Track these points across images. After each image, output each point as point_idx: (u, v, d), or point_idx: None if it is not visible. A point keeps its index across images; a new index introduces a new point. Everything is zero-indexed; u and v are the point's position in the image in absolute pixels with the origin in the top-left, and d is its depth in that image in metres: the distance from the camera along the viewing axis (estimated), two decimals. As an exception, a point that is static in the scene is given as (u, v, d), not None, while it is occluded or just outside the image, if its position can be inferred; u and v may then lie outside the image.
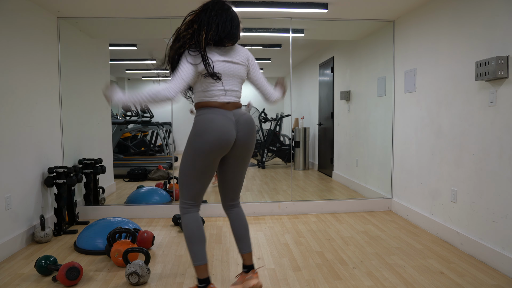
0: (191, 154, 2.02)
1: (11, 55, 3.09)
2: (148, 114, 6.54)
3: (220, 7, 2.06)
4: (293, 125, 6.42)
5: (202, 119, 2.03)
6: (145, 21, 4.11)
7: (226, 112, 2.05)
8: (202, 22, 2.02)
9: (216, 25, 2.02)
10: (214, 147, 1.99)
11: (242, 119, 2.10)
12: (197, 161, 2.01)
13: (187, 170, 2.04)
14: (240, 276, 2.28)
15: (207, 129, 1.99)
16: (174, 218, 3.74)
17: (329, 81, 5.71)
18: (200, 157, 2.00)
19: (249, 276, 2.20)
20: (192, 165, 2.02)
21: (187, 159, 2.04)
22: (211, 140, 1.98)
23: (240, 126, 2.08)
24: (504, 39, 2.58)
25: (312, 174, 6.16)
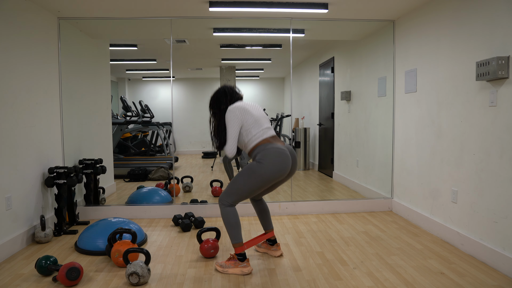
0: (260, 175, 2.53)
1: (11, 55, 3.09)
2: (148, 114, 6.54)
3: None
4: (294, 125, 6.42)
5: (273, 151, 2.56)
6: (145, 21, 4.11)
7: (284, 147, 2.62)
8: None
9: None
10: (282, 175, 2.58)
11: (291, 150, 2.69)
12: (262, 183, 2.56)
13: (249, 187, 2.57)
14: (265, 244, 3.00)
15: (281, 162, 2.55)
16: (174, 219, 3.74)
17: (330, 81, 5.71)
18: (268, 181, 2.56)
19: (274, 248, 2.96)
20: (256, 185, 2.56)
21: (254, 179, 2.54)
22: (283, 169, 2.56)
23: (291, 156, 2.67)
24: (504, 39, 2.58)
25: (312, 174, 6.16)
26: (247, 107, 2.66)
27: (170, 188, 4.63)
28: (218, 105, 2.72)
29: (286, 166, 2.57)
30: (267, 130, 2.66)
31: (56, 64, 3.87)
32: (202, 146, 6.99)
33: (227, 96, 2.72)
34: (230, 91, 2.76)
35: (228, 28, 4.55)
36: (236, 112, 2.61)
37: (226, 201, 2.62)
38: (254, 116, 2.64)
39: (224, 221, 2.62)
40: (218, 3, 3.57)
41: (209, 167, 6.65)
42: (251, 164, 2.58)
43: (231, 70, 6.49)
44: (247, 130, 2.62)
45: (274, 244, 2.97)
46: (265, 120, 2.72)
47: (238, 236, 2.62)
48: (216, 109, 2.73)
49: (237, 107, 2.64)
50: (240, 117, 2.61)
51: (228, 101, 2.70)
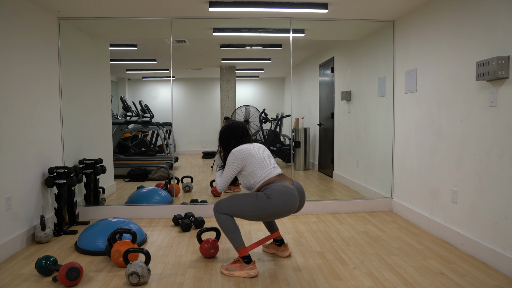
0: (264, 209, 2.54)
1: (11, 55, 3.09)
2: (148, 114, 6.54)
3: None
4: (294, 125, 6.42)
5: (281, 189, 2.55)
6: (145, 21, 4.11)
7: (292, 186, 2.62)
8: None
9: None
10: (287, 213, 2.60)
11: (299, 188, 2.71)
12: (267, 215, 2.57)
13: (249, 212, 2.58)
14: (272, 245, 3.00)
15: (289, 202, 2.55)
16: (174, 219, 3.74)
17: (330, 81, 5.71)
18: (272, 215, 2.58)
19: (282, 248, 2.96)
20: (260, 215, 2.57)
21: (259, 210, 2.55)
22: (288, 208, 2.57)
23: (299, 194, 2.68)
24: (504, 39, 2.58)
25: (312, 174, 6.16)
26: (250, 151, 2.66)
27: (170, 188, 4.63)
28: (226, 146, 2.75)
29: (293, 205, 2.57)
30: (273, 169, 2.67)
31: (56, 64, 3.87)
32: (202, 146, 7.00)
33: (234, 138, 2.74)
34: (239, 133, 2.76)
35: (228, 28, 4.55)
36: (237, 157, 2.62)
37: (222, 210, 2.63)
38: (257, 159, 2.65)
39: (221, 227, 2.63)
40: (218, 3, 3.57)
41: (209, 167, 6.65)
42: (260, 195, 2.55)
43: (231, 70, 6.49)
44: (251, 173, 2.63)
45: (282, 244, 2.96)
46: (270, 160, 2.72)
47: (239, 239, 2.61)
48: (224, 150, 2.78)
49: (240, 151, 2.64)
50: (241, 162, 2.62)
51: (234, 144, 2.72)
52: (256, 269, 2.59)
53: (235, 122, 2.81)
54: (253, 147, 2.70)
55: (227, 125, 2.81)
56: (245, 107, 6.54)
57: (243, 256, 2.61)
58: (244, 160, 2.62)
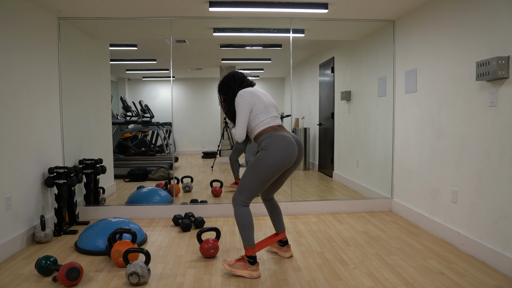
0: (267, 163, 2.50)
1: (11, 55, 3.09)
2: (148, 114, 6.54)
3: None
4: (294, 125, 6.42)
5: (279, 139, 2.53)
6: (145, 21, 4.11)
7: (289, 135, 2.62)
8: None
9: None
10: (289, 162, 2.55)
11: (297, 139, 2.70)
12: (271, 172, 2.53)
13: (259, 178, 2.53)
14: (276, 244, 2.99)
15: (287, 149, 2.53)
16: (174, 219, 3.74)
17: (330, 81, 5.71)
18: (275, 169, 2.53)
19: (285, 249, 2.95)
20: (265, 175, 2.53)
21: (262, 169, 2.51)
22: (289, 156, 2.53)
23: (297, 144, 2.67)
24: (504, 39, 2.58)
25: (312, 174, 6.16)
26: (257, 93, 2.65)
27: (170, 188, 4.63)
28: (227, 91, 2.70)
29: (293, 153, 2.55)
30: (274, 118, 2.66)
31: (56, 64, 3.87)
32: (202, 146, 6.99)
33: (236, 82, 2.71)
34: (240, 76, 2.75)
35: (228, 28, 4.55)
36: (246, 97, 2.59)
37: (240, 200, 2.59)
38: (264, 103, 2.64)
39: (237, 221, 2.59)
40: (218, 3, 3.57)
41: (209, 167, 6.65)
42: (257, 155, 2.57)
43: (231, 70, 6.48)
44: (256, 116, 2.61)
45: (285, 245, 2.96)
46: (274, 108, 2.71)
47: (251, 238, 2.58)
48: (226, 95, 2.71)
49: (247, 91, 2.63)
50: (250, 102, 2.59)
51: (237, 86, 2.69)
52: (258, 271, 2.59)
53: (233, 71, 2.80)
54: (258, 91, 2.69)
55: (225, 75, 2.80)
56: None
57: (249, 256, 2.60)
58: (252, 99, 2.60)
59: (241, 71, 2.80)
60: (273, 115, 2.67)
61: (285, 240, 2.97)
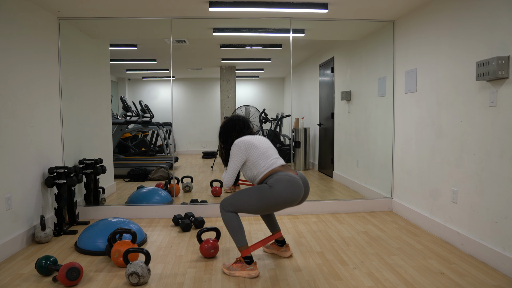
0: (269, 200, 2.51)
1: (11, 55, 3.09)
2: (148, 114, 6.54)
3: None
4: (294, 125, 6.42)
5: (285, 178, 2.53)
6: (145, 21, 4.11)
7: (295, 176, 2.61)
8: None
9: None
10: (292, 202, 2.57)
11: (303, 178, 2.70)
12: (271, 206, 2.54)
13: (255, 205, 2.55)
14: (274, 245, 3.00)
15: (293, 189, 2.53)
16: (174, 219, 3.74)
17: (330, 81, 5.71)
18: (276, 205, 2.55)
19: (284, 249, 2.96)
20: (264, 207, 2.55)
21: (263, 200, 2.52)
22: (293, 197, 2.54)
23: (304, 184, 2.66)
24: (504, 39, 2.58)
25: (312, 174, 6.16)
26: (253, 141, 2.64)
27: (170, 188, 4.63)
28: (226, 139, 2.73)
29: (298, 194, 2.55)
30: (276, 160, 2.65)
31: (56, 64, 3.87)
32: (202, 146, 7.00)
33: (236, 131, 2.73)
34: (240, 125, 2.76)
35: (228, 28, 4.55)
36: (241, 147, 2.60)
37: (228, 208, 2.61)
38: (260, 149, 2.63)
39: (226, 225, 2.61)
40: (218, 3, 3.57)
41: (209, 167, 6.65)
42: (263, 187, 2.54)
43: (231, 70, 6.49)
44: (254, 163, 2.61)
45: (284, 245, 2.96)
46: (273, 151, 2.71)
47: (242, 239, 2.59)
48: (225, 144, 2.75)
49: (243, 141, 2.63)
50: (244, 152, 2.60)
51: (236, 136, 2.71)
52: (257, 270, 2.59)
53: (235, 116, 2.81)
54: (255, 138, 2.68)
55: (227, 119, 2.80)
56: (245, 107, 6.54)
57: (245, 256, 2.60)
58: (247, 150, 2.60)
59: (242, 118, 2.80)
60: (274, 157, 2.66)
61: (282, 239, 2.97)
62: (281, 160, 2.69)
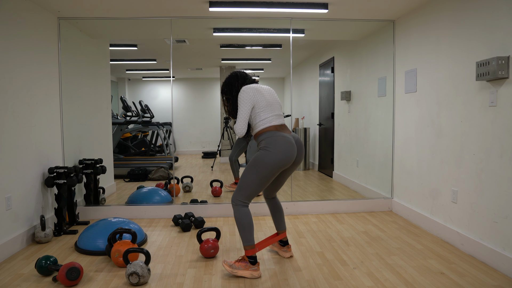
0: (266, 163, 2.50)
1: (11, 55, 3.09)
2: (148, 114, 6.54)
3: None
4: (294, 125, 6.42)
5: (278, 139, 2.53)
6: (145, 21, 4.11)
7: (290, 135, 2.61)
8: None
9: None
10: (287, 163, 2.55)
11: (297, 140, 2.68)
12: (269, 172, 2.52)
13: (257, 178, 2.53)
14: (277, 245, 3.00)
15: (286, 150, 2.52)
16: (174, 219, 3.74)
17: (330, 81, 5.71)
18: (274, 169, 2.52)
19: (285, 249, 2.95)
20: (264, 175, 2.53)
21: (261, 169, 2.51)
22: (288, 157, 2.53)
23: (297, 144, 2.66)
24: (504, 39, 2.58)
25: (312, 174, 6.16)
26: (260, 89, 2.63)
27: (170, 188, 4.63)
28: (230, 90, 2.70)
29: (291, 154, 2.54)
30: (276, 117, 2.63)
31: (56, 64, 3.87)
32: (202, 146, 6.99)
33: (238, 80, 2.71)
34: (242, 74, 2.75)
35: (228, 28, 4.55)
36: (249, 92, 2.57)
37: (239, 200, 2.58)
38: (267, 100, 2.61)
39: (236, 222, 2.58)
40: (218, 3, 3.57)
41: (209, 167, 6.65)
42: (256, 155, 2.56)
43: (231, 70, 6.47)
44: (257, 113, 2.59)
45: (285, 245, 2.96)
46: (277, 106, 2.69)
47: (250, 238, 2.57)
48: (229, 95, 2.71)
49: (250, 87, 2.61)
50: (253, 97, 2.57)
51: (239, 84, 2.68)
52: (259, 271, 2.59)
53: (236, 70, 2.80)
54: (261, 87, 2.67)
55: (228, 75, 2.78)
56: None
57: (249, 256, 2.59)
58: (255, 95, 2.57)
59: (243, 70, 2.80)
60: (276, 113, 2.64)
61: (286, 240, 2.97)
62: (281, 118, 2.67)
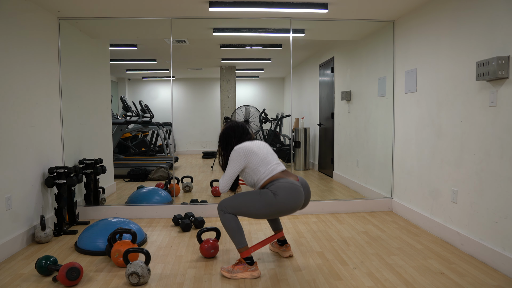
0: (270, 206, 2.51)
1: (11, 55, 3.09)
2: (148, 114, 6.54)
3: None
4: (294, 125, 6.42)
5: (286, 185, 2.53)
6: (145, 21, 4.11)
7: (297, 182, 2.60)
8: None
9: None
10: (293, 210, 2.57)
11: (304, 184, 2.69)
12: (270, 212, 2.54)
13: (255, 210, 2.55)
14: (275, 243, 3.02)
15: (295, 196, 2.53)
16: (174, 219, 3.74)
17: (330, 81, 5.71)
18: (275, 212, 2.55)
19: (283, 248, 2.96)
20: (262, 212, 2.54)
21: (263, 206, 2.52)
22: (294, 205, 2.54)
23: (305, 190, 2.67)
24: (504, 39, 2.58)
25: (312, 174, 6.16)
26: (252, 148, 2.63)
27: (170, 188, 4.63)
28: (226, 146, 2.72)
29: (299, 202, 2.55)
30: (276, 166, 2.64)
31: (56, 64, 3.87)
32: (202, 146, 6.99)
33: (235, 137, 2.72)
34: (239, 131, 2.74)
35: (228, 28, 4.55)
36: (240, 153, 2.59)
37: (227, 209, 2.59)
38: (260, 156, 2.61)
39: (225, 227, 2.59)
40: (218, 3, 3.57)
41: (209, 167, 6.65)
42: (265, 192, 2.53)
43: (231, 70, 6.49)
44: (254, 170, 2.60)
45: (284, 244, 2.96)
46: (273, 157, 2.69)
47: (242, 240, 2.58)
48: (224, 150, 2.75)
49: (242, 148, 2.61)
50: (244, 159, 2.58)
51: (235, 142, 2.69)
52: (258, 270, 2.59)
53: (235, 122, 2.80)
54: (254, 144, 2.67)
55: (226, 125, 2.79)
56: (245, 107, 6.53)
57: (246, 257, 2.59)
58: (246, 157, 2.58)
59: (241, 125, 2.78)
60: (274, 163, 2.64)
61: (284, 239, 2.97)
62: (281, 166, 2.68)
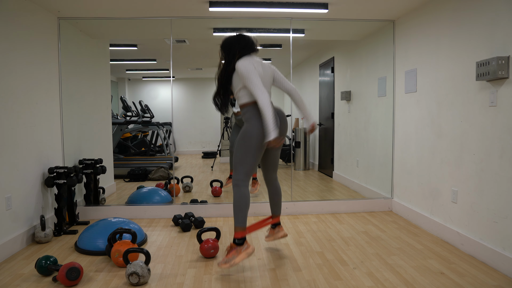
0: (252, 135, 2.59)
1: (11, 56, 3.09)
2: (148, 114, 6.54)
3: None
4: (294, 125, 6.42)
5: (259, 112, 2.58)
6: (145, 21, 4.11)
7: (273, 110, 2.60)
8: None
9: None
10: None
11: (280, 113, 2.76)
12: (257, 143, 2.60)
13: (248, 149, 2.61)
14: (269, 231, 3.04)
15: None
16: (174, 219, 3.74)
17: (330, 81, 5.71)
18: (260, 140, 2.60)
19: (277, 230, 3.01)
20: (253, 146, 2.60)
21: (248, 141, 2.60)
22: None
23: (280, 118, 2.74)
24: (504, 39, 2.58)
25: (312, 174, 6.16)
26: (258, 65, 2.64)
27: (170, 188, 4.63)
28: (228, 53, 2.70)
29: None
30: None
31: (56, 64, 3.87)
32: (202, 146, 6.99)
33: (239, 44, 2.69)
34: (244, 40, 2.71)
35: (228, 28, 4.55)
36: (251, 65, 2.57)
37: (239, 179, 2.63)
38: (261, 76, 2.63)
39: (234, 203, 2.63)
40: (218, 3, 3.57)
41: (209, 167, 6.65)
42: (242, 129, 2.64)
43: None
44: (244, 86, 2.64)
45: (276, 226, 3.00)
46: (267, 85, 2.72)
47: (244, 220, 2.62)
48: (226, 57, 2.71)
49: (250, 61, 2.60)
50: (257, 68, 2.59)
51: (239, 53, 2.66)
52: (251, 246, 2.62)
53: (241, 34, 2.76)
54: (260, 62, 2.68)
55: (232, 36, 2.76)
56: None
57: (238, 238, 2.60)
58: (257, 68, 2.59)
59: (248, 36, 2.76)
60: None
61: (278, 223, 3.01)
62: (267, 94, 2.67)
